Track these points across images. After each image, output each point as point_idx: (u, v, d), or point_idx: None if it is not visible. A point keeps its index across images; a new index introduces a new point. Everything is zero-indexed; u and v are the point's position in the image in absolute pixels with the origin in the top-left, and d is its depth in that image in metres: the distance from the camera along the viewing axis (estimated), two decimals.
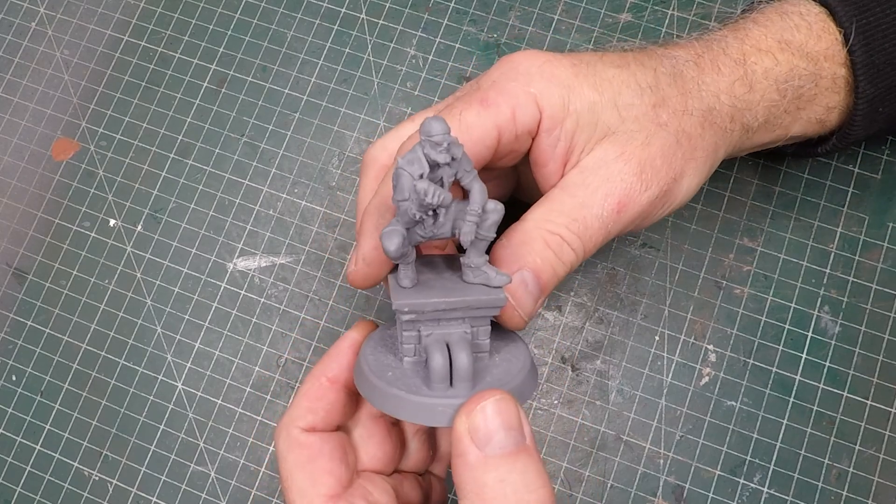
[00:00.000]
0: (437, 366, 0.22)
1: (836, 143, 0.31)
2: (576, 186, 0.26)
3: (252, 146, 0.39)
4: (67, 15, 0.42)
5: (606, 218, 0.26)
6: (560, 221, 0.26)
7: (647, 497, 0.33)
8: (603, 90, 0.26)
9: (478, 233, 0.24)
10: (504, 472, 0.20)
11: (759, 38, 0.29)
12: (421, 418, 0.22)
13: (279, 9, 0.41)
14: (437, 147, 0.22)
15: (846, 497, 0.33)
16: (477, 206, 0.23)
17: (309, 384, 0.26)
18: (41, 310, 0.38)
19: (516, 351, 0.25)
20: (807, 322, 0.35)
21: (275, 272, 0.38)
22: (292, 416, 0.25)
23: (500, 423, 0.21)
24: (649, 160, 0.26)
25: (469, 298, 0.23)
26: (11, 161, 0.40)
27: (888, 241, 0.35)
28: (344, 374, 0.26)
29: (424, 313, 0.23)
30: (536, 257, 0.25)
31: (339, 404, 0.26)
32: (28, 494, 0.36)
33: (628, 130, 0.26)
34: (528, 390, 0.23)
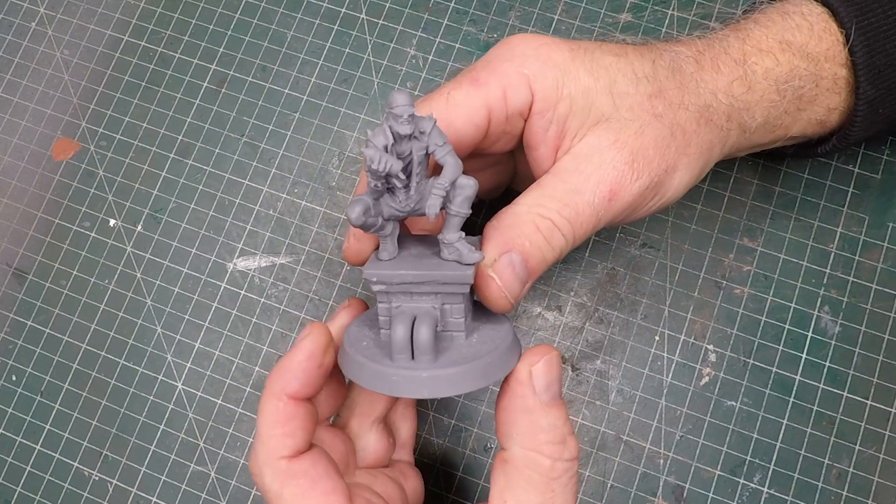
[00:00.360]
0: (397, 337, 0.22)
1: (836, 144, 0.31)
2: (568, 172, 0.26)
3: (252, 146, 0.39)
4: (67, 15, 0.42)
5: (597, 205, 0.26)
6: (551, 206, 0.26)
7: (647, 497, 0.33)
8: (599, 76, 0.26)
9: (449, 207, 0.24)
10: (554, 418, 0.23)
11: (760, 38, 0.29)
12: (376, 385, 0.23)
13: (279, 9, 0.41)
14: (398, 119, 0.22)
15: (846, 497, 0.33)
16: (445, 180, 0.23)
17: (272, 408, 0.24)
18: (41, 310, 0.38)
19: (495, 334, 0.25)
20: (807, 322, 0.35)
21: (275, 272, 0.38)
22: (270, 449, 0.23)
23: (556, 375, 0.24)
24: (642, 150, 0.26)
25: (436, 273, 0.23)
26: (11, 161, 0.40)
27: (888, 241, 0.35)
28: (306, 388, 0.24)
29: (393, 285, 0.24)
30: (526, 240, 0.25)
31: (309, 418, 0.24)
32: (28, 494, 0.36)
33: (622, 118, 0.26)
34: (492, 371, 0.23)
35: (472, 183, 0.23)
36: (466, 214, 0.24)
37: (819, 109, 0.30)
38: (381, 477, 0.28)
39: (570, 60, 0.26)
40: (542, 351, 0.24)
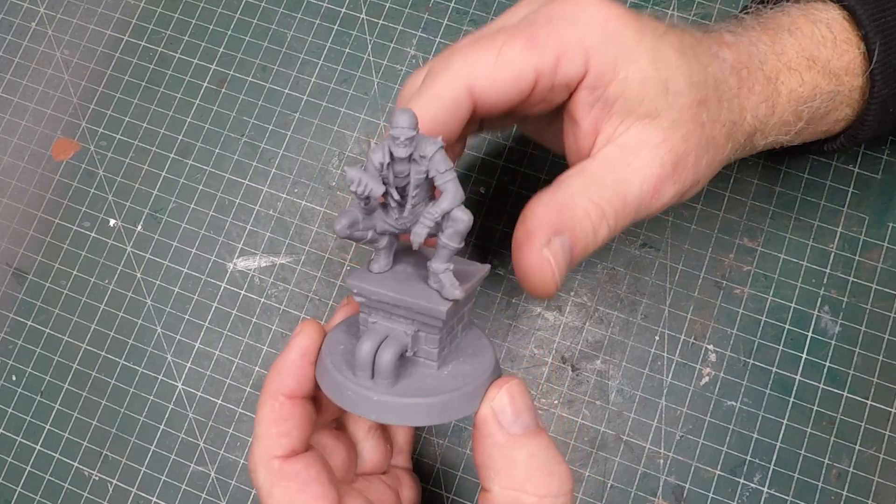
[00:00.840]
0: (361, 352, 0.22)
1: (844, 143, 0.31)
2: (616, 163, 0.25)
3: (252, 146, 0.39)
4: (67, 15, 0.42)
5: (641, 201, 0.25)
6: (603, 195, 0.25)
7: (647, 497, 0.33)
8: (659, 68, 0.25)
9: (440, 237, 0.23)
10: (533, 448, 0.22)
11: (791, 54, 0.28)
12: (334, 395, 0.22)
13: (279, 9, 0.41)
14: (395, 140, 0.22)
15: (846, 497, 0.33)
16: (437, 210, 0.22)
17: (268, 407, 0.24)
18: (41, 310, 0.38)
19: (471, 370, 0.24)
20: (807, 322, 0.35)
21: (275, 272, 0.38)
22: (265, 447, 0.23)
23: (524, 404, 0.22)
24: (684, 156, 0.25)
25: (411, 300, 0.23)
26: (11, 161, 0.40)
27: (888, 241, 0.35)
28: (302, 386, 0.24)
29: (370, 300, 0.23)
30: (576, 226, 0.24)
31: (306, 419, 0.24)
32: (28, 494, 0.36)
33: (672, 119, 0.25)
34: (449, 411, 0.22)
35: (465, 218, 0.22)
36: (456, 248, 0.23)
37: (828, 122, 0.30)
38: (376, 483, 0.28)
39: (635, 42, 0.24)
40: (502, 382, 0.23)
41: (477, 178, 0.38)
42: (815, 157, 0.36)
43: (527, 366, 0.35)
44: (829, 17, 0.29)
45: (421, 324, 0.23)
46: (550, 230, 0.24)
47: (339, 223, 0.23)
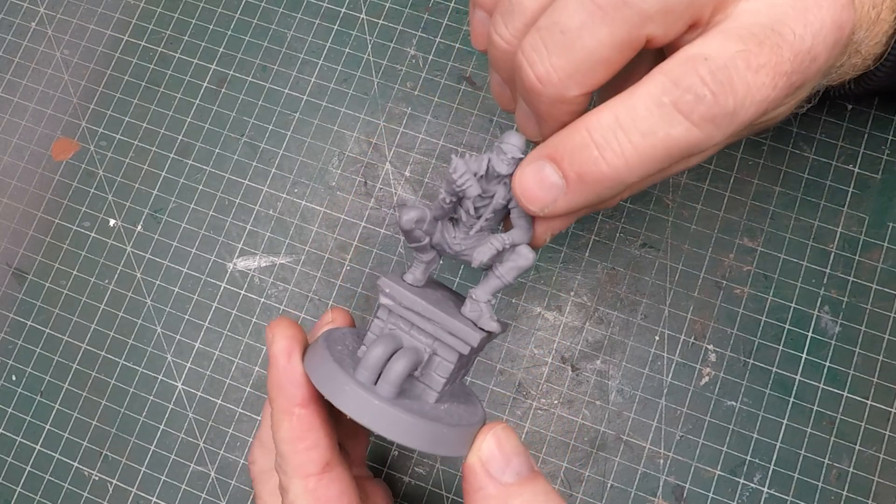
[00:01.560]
0: (372, 353, 0.21)
1: (853, 88, 0.29)
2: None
3: (252, 146, 0.39)
4: (67, 15, 0.42)
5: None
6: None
7: (647, 497, 0.33)
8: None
9: (496, 268, 0.22)
10: (529, 497, 0.20)
11: None
12: (326, 388, 0.21)
13: (279, 9, 0.41)
14: (503, 155, 0.21)
15: (846, 497, 0.33)
16: (509, 238, 0.22)
17: (286, 425, 0.22)
18: (41, 310, 0.38)
19: (465, 415, 0.22)
20: (807, 322, 0.35)
21: (275, 272, 0.38)
22: (296, 465, 0.22)
23: (513, 449, 0.21)
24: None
25: (447, 318, 0.22)
26: (11, 161, 0.40)
27: (888, 241, 0.35)
28: (309, 389, 0.23)
29: (400, 306, 0.22)
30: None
31: (326, 425, 0.23)
32: (28, 494, 0.36)
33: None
34: (442, 442, 0.21)
35: (530, 257, 0.22)
36: (508, 284, 0.22)
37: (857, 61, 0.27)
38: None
39: None
40: (487, 428, 0.21)
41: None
42: (801, 129, 0.36)
43: (527, 366, 0.35)
44: None
45: (442, 346, 0.22)
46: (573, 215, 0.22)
47: (409, 214, 0.22)
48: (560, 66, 0.19)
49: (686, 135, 0.18)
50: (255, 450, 0.26)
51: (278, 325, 0.23)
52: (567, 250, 0.36)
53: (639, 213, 0.36)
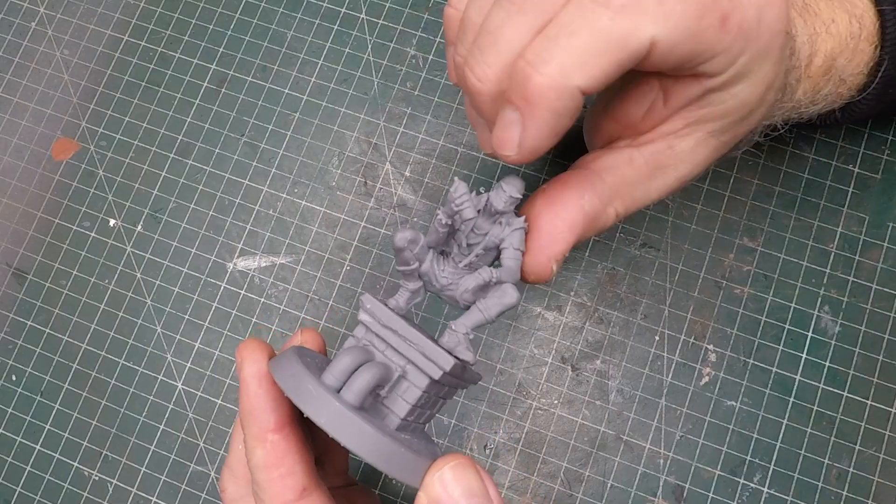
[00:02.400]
0: (340, 361, 0.21)
1: (839, 118, 0.31)
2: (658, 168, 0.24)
3: (252, 146, 0.39)
4: (67, 15, 0.42)
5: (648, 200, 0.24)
6: (636, 197, 0.24)
7: (647, 497, 0.33)
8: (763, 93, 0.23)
9: (479, 302, 0.22)
10: None
11: (819, 61, 0.27)
12: (288, 386, 0.20)
13: (279, 9, 0.41)
14: (502, 193, 0.22)
15: (846, 497, 0.33)
16: (497, 275, 0.22)
17: (260, 452, 0.21)
18: (41, 310, 0.38)
19: (422, 447, 0.22)
20: (807, 322, 0.35)
21: (275, 272, 0.38)
22: (273, 494, 0.21)
23: (462, 492, 0.19)
24: (701, 171, 0.25)
25: (424, 340, 0.21)
26: (11, 161, 0.40)
27: (888, 241, 0.35)
28: (280, 412, 0.22)
29: (378, 323, 0.22)
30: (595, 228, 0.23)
31: (303, 448, 0.22)
32: (28, 494, 0.36)
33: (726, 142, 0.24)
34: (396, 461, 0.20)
35: (515, 296, 0.22)
36: (490, 320, 0.22)
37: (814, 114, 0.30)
38: None
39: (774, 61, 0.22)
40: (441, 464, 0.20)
41: (477, 178, 0.38)
42: (801, 129, 0.36)
43: (527, 366, 0.35)
44: (863, 10, 0.27)
45: (414, 369, 0.22)
46: (573, 241, 0.23)
47: (403, 233, 0.22)
48: (492, 61, 0.20)
49: (611, 24, 0.19)
50: (225, 477, 0.25)
51: (247, 348, 0.23)
52: None
53: (639, 213, 0.36)
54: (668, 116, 0.24)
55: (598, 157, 0.24)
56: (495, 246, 0.22)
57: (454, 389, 0.25)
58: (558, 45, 0.19)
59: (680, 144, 0.24)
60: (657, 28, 0.19)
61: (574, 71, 0.19)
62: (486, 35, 0.21)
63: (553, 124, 0.20)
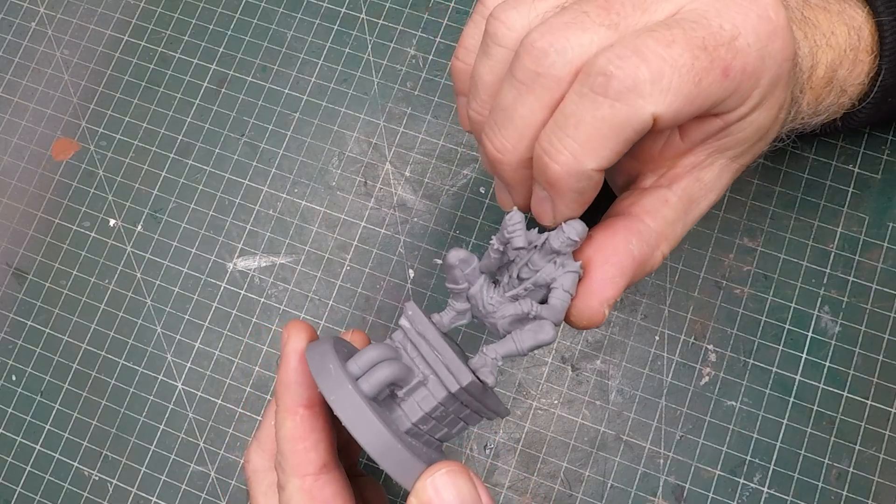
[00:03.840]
0: (367, 353, 0.22)
1: (838, 126, 0.31)
2: (692, 203, 0.24)
3: (252, 146, 0.39)
4: (67, 15, 0.42)
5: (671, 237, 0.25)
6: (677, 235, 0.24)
7: (647, 497, 0.33)
8: (776, 116, 0.23)
9: (515, 334, 0.22)
10: None
11: (821, 72, 0.27)
12: (313, 364, 0.22)
13: (279, 9, 0.41)
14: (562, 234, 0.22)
15: (846, 497, 0.33)
16: (538, 309, 0.22)
17: (290, 423, 0.23)
18: (41, 310, 0.38)
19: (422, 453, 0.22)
20: (807, 322, 0.35)
21: (275, 272, 0.38)
22: (295, 464, 0.22)
23: (453, 497, 0.20)
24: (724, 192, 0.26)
25: (447, 356, 0.22)
26: (11, 161, 0.40)
27: (888, 241, 0.35)
28: (314, 394, 0.23)
29: (414, 329, 0.23)
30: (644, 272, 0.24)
31: (328, 428, 0.23)
32: (28, 494, 0.36)
33: (746, 162, 0.25)
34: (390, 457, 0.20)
35: (551, 333, 0.22)
36: (522, 352, 0.22)
37: (844, 101, 0.29)
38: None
39: (782, 86, 0.22)
40: (433, 470, 0.20)
41: (477, 178, 0.38)
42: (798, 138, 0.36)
43: (527, 366, 0.35)
44: (861, 21, 0.28)
45: (435, 379, 0.22)
46: (624, 286, 0.23)
47: (457, 252, 0.23)
48: (509, 135, 0.22)
49: (612, 111, 0.20)
50: (252, 449, 0.27)
51: (294, 327, 0.24)
52: None
53: None
54: (687, 150, 0.24)
55: (635, 202, 0.25)
56: (546, 284, 0.22)
57: (477, 416, 0.25)
58: (567, 135, 0.20)
59: (706, 175, 0.24)
60: (656, 106, 0.20)
61: (585, 157, 0.20)
62: (500, 112, 0.22)
63: (578, 200, 0.21)
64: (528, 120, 0.21)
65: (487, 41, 0.22)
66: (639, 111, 0.19)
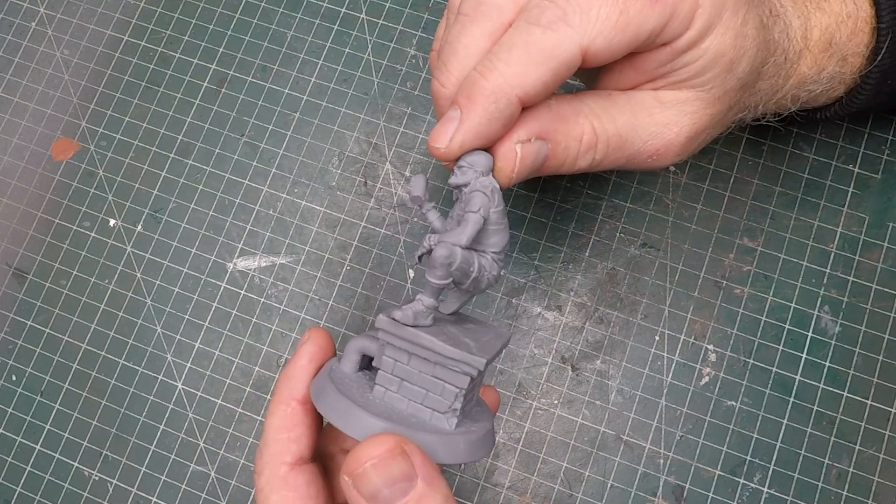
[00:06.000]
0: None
1: (837, 111, 0.31)
2: (642, 108, 0.25)
3: (252, 146, 0.39)
4: (67, 15, 0.42)
5: (638, 154, 0.25)
6: (609, 129, 0.24)
7: (647, 497, 0.33)
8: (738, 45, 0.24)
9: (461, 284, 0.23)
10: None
11: (817, 35, 0.27)
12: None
13: (279, 9, 0.41)
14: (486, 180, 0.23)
15: (846, 497, 0.33)
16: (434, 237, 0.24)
17: (280, 413, 0.24)
18: (41, 310, 0.38)
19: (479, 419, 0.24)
20: (807, 322, 0.35)
21: (275, 272, 0.38)
22: (274, 451, 0.23)
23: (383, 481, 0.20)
24: (701, 132, 0.25)
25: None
26: (11, 161, 0.40)
27: (888, 241, 0.35)
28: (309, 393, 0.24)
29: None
30: (563, 143, 0.24)
31: (314, 426, 0.24)
32: (28, 494, 0.36)
33: (716, 97, 0.25)
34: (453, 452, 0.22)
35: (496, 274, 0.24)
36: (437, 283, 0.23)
37: (821, 98, 0.30)
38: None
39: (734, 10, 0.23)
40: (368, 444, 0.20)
41: None
42: (801, 129, 0.36)
43: (527, 366, 0.35)
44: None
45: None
46: (537, 132, 0.24)
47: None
48: (452, 67, 0.24)
49: (542, 38, 0.22)
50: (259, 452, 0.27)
51: (317, 332, 0.25)
52: (567, 250, 0.36)
53: (639, 213, 0.36)
54: (644, 80, 0.25)
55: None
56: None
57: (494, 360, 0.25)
58: (500, 59, 0.22)
59: (667, 96, 0.25)
60: (583, 37, 0.21)
61: (513, 79, 0.22)
62: (447, 47, 0.24)
63: (485, 123, 0.22)
64: (469, 49, 0.23)
65: (447, 9, 0.25)
66: (565, 41, 0.21)
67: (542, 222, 0.37)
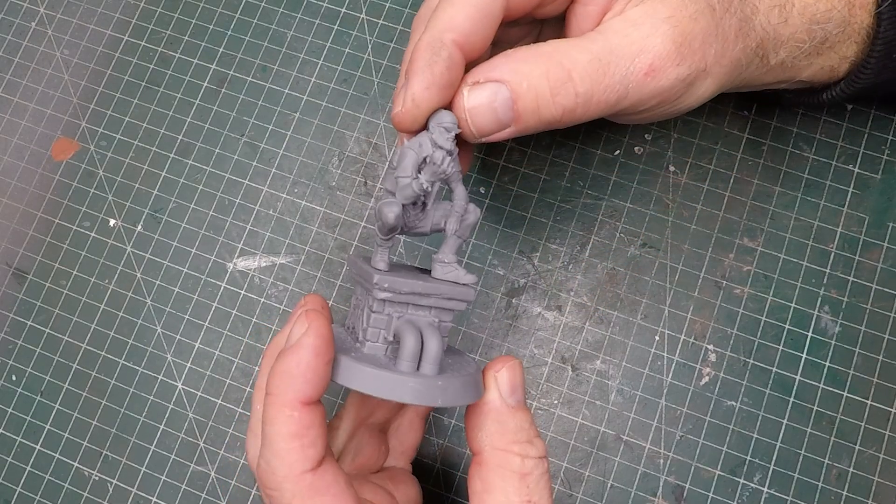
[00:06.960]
0: (409, 345, 0.23)
1: (843, 89, 0.30)
2: (613, 32, 0.24)
3: (252, 146, 0.39)
4: (67, 15, 0.42)
5: (631, 76, 0.24)
6: (580, 58, 0.24)
7: (647, 497, 0.33)
8: None
9: (456, 230, 0.25)
10: (520, 420, 0.24)
11: None
12: (388, 393, 0.22)
13: (279, 9, 0.41)
14: (446, 134, 0.24)
15: (846, 497, 0.33)
16: (463, 203, 0.25)
17: (283, 419, 0.21)
18: (41, 310, 0.38)
19: (467, 363, 0.26)
20: (807, 322, 0.35)
21: (275, 272, 0.38)
22: (290, 463, 0.21)
23: (520, 381, 0.25)
24: (691, 36, 0.24)
25: (444, 287, 0.24)
26: (11, 161, 0.40)
27: (888, 241, 0.35)
28: (318, 390, 0.22)
29: (400, 294, 0.24)
30: (524, 80, 0.23)
31: (324, 423, 0.22)
32: (28, 494, 0.36)
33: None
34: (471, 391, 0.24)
35: (478, 211, 0.25)
36: (467, 239, 0.25)
37: (835, 57, 0.29)
38: (366, 485, 0.27)
39: None
40: (505, 360, 0.25)
41: (477, 177, 0.38)
42: (810, 111, 0.36)
43: (527, 366, 0.35)
44: None
45: (441, 311, 0.25)
46: (487, 73, 0.24)
47: (393, 212, 0.24)
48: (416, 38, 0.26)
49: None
50: (249, 440, 0.25)
51: (317, 318, 0.22)
52: (567, 250, 0.36)
53: (639, 213, 0.36)
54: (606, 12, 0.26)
55: None
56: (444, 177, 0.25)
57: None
58: (431, 18, 0.24)
59: (634, 14, 0.25)
60: None
61: (442, 24, 0.23)
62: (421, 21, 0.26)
63: (428, 73, 0.23)
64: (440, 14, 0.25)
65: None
66: None
67: (542, 222, 0.37)
